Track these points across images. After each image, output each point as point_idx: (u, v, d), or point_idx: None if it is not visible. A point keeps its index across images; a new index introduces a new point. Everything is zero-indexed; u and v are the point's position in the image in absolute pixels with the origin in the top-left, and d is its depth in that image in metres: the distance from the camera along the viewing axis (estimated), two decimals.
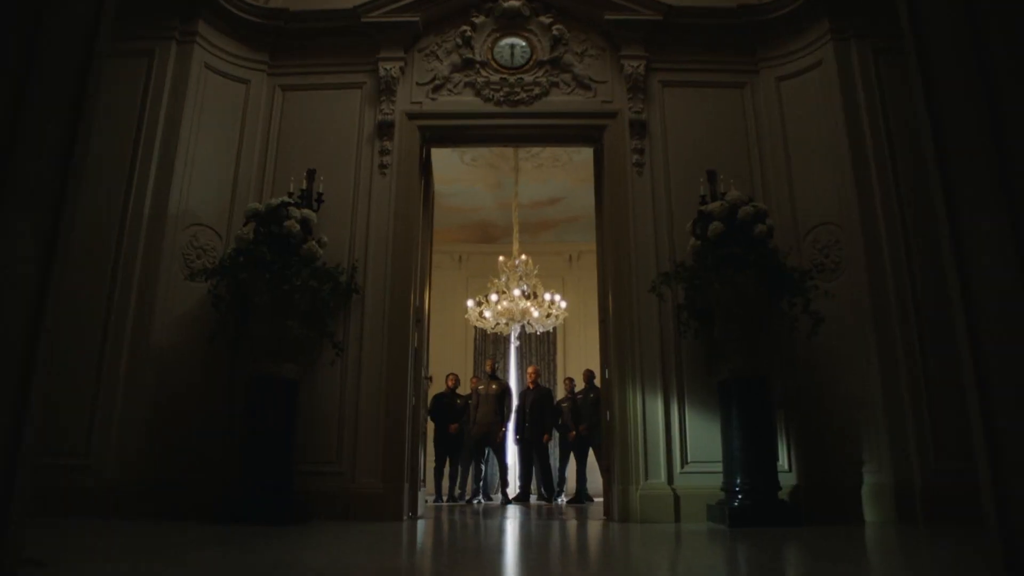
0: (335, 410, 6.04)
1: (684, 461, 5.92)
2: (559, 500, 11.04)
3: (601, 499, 7.04)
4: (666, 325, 6.14)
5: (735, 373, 5.48)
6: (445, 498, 10.51)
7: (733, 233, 5.57)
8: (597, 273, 6.91)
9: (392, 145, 6.58)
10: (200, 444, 5.71)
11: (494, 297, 11.20)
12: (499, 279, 11.51)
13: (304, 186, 6.30)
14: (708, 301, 5.62)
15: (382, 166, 6.55)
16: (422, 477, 6.83)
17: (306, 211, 5.91)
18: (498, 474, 10.55)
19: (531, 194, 13.69)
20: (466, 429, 10.68)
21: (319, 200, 6.32)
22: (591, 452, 10.36)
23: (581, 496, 10.31)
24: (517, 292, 11.09)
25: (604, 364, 6.57)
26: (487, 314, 11.59)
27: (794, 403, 5.87)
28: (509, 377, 15.14)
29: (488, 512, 8.83)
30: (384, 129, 6.58)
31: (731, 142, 6.52)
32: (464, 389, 11.63)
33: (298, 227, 5.69)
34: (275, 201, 5.83)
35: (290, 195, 6.15)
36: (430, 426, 10.75)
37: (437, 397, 10.84)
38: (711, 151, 6.47)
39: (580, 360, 15.01)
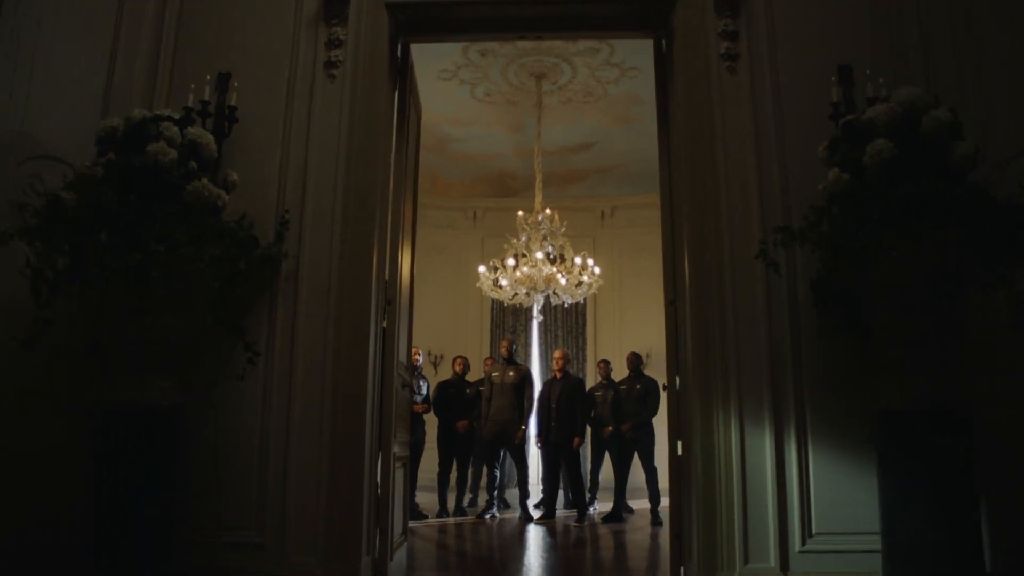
0: (251, 448, 3.76)
1: (807, 532, 3.58)
2: (592, 510, 8.79)
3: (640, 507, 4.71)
4: (778, 314, 3.76)
5: (916, 402, 3.11)
6: (452, 511, 8.30)
7: (908, 158, 3.14)
8: (662, 231, 4.57)
9: (346, 33, 4.17)
10: (26, 526, 3.44)
11: (511, 261, 8.85)
12: (518, 239, 9.14)
13: (208, 97, 3.98)
14: (862, 277, 3.23)
15: (330, 65, 4.15)
16: (399, 534, 4.58)
17: (195, 131, 3.56)
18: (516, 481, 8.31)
19: (557, 138, 11.23)
20: (477, 426, 8.43)
21: (230, 118, 3.98)
22: (635, 457, 8.09)
23: (619, 509, 8.03)
24: (540, 255, 8.72)
25: (672, 370, 4.22)
26: (503, 282, 9.25)
27: (993, 447, 3.46)
28: (531, 362, 12.84)
29: (504, 542, 6.59)
30: (333, 8, 4.17)
31: (876, 20, 4.04)
32: (477, 375, 9.34)
33: (174, 155, 3.35)
34: (139, 114, 3.49)
35: (188, 111, 3.83)
36: (434, 422, 8.52)
37: (442, 386, 8.58)
38: (844, 35, 4.01)
39: (614, 339, 12.67)
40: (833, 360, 3.61)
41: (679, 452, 4.05)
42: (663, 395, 4.57)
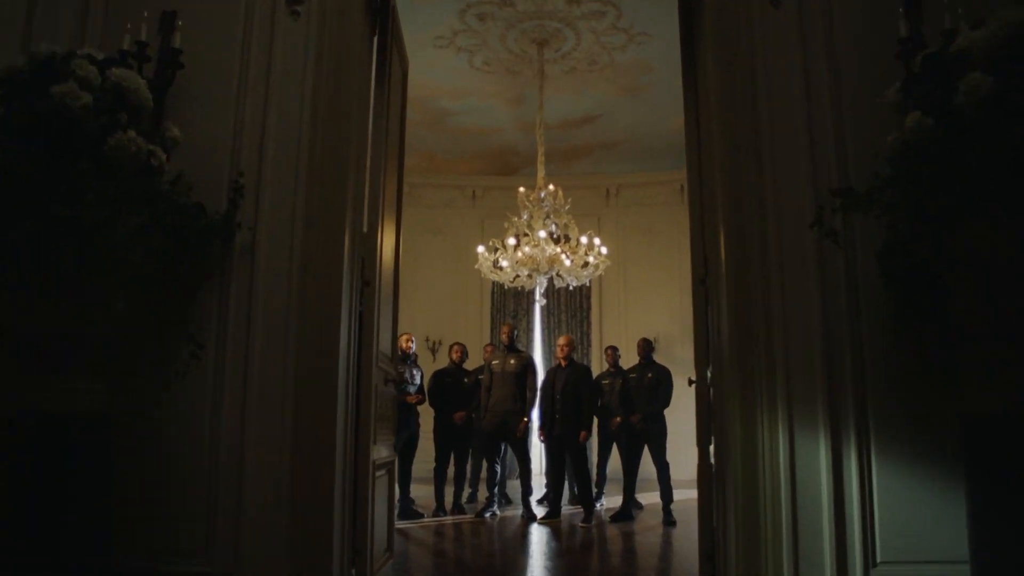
0: (199, 460, 3.10)
1: (870, 560, 2.91)
2: (599, 506, 8.17)
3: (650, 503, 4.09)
4: (834, 296, 3.06)
5: (1018, 404, 2.45)
6: (449, 509, 7.67)
7: (1014, 95, 2.45)
8: (688, 196, 3.92)
9: None
10: None
11: (512, 241, 8.16)
12: (519, 217, 8.46)
13: (148, 39, 3.28)
14: (949, 246, 2.55)
15: (293, 1, 3.46)
16: (384, 551, 3.93)
17: (120, 72, 2.86)
18: (518, 477, 7.66)
19: (560, 111, 10.51)
20: (476, 418, 7.79)
21: (173, 63, 3.29)
22: (645, 451, 7.44)
23: (629, 507, 7.39)
24: (543, 234, 8.04)
25: (701, 362, 3.57)
26: (504, 263, 8.57)
27: None
28: (533, 348, 12.18)
29: (505, 546, 5.96)
30: None
31: None
32: (476, 363, 8.69)
33: (88, 99, 2.66)
34: (46, 49, 2.80)
35: (123, 54, 3.14)
36: (430, 414, 7.87)
37: (438, 375, 7.94)
38: None
39: (619, 325, 12.01)
40: (903, 351, 2.93)
41: (711, 459, 3.40)
42: (684, 387, 3.92)
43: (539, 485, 9.53)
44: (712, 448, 3.39)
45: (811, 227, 2.88)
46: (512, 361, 7.53)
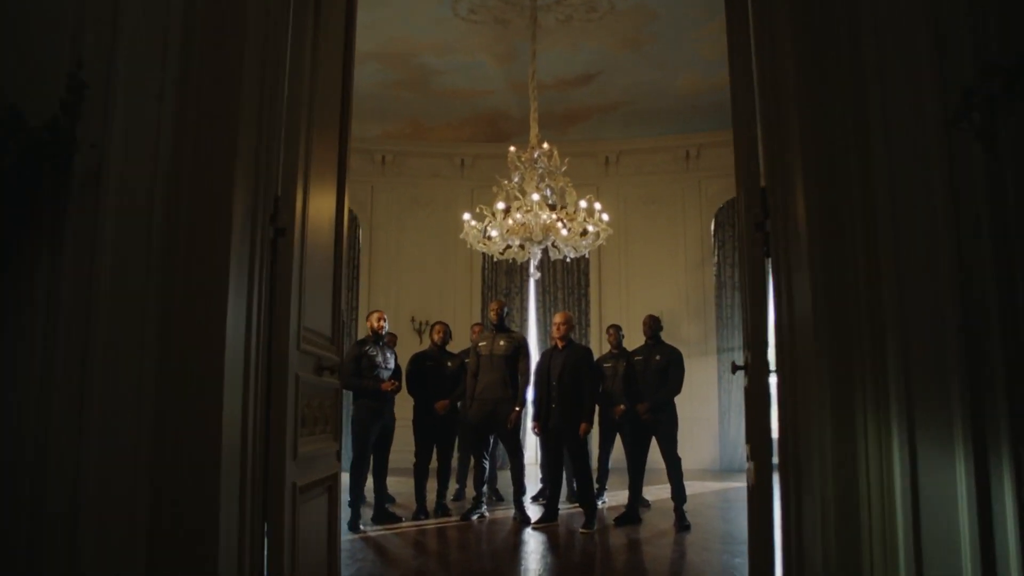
0: (18, 480, 2.05)
1: None
2: (601, 504, 7.14)
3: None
4: (975, 252, 1.98)
5: None
6: (432, 510, 6.62)
7: None
8: (731, 105, 2.84)
9: None
10: None
11: (501, 205, 7.06)
12: (509, 181, 7.36)
13: None
14: None
15: None
16: None
17: None
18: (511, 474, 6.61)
19: (555, 68, 9.39)
20: (461, 407, 6.75)
21: None
22: (652, 443, 6.38)
23: (635, 508, 6.34)
24: (536, 197, 6.95)
25: (752, 341, 2.51)
26: (493, 233, 7.48)
27: None
28: (528, 331, 11.10)
29: (493, 562, 4.91)
30: None
31: None
32: (461, 345, 7.63)
33: None
34: None
35: None
36: (408, 404, 6.81)
37: (417, 359, 6.87)
38: None
39: (621, 303, 10.94)
40: None
41: (767, 468, 2.34)
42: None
43: (533, 478, 8.51)
44: (777, 462, 2.32)
45: (948, 127, 1.80)
46: (502, 342, 6.46)
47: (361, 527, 5.92)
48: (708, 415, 10.36)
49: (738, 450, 10.22)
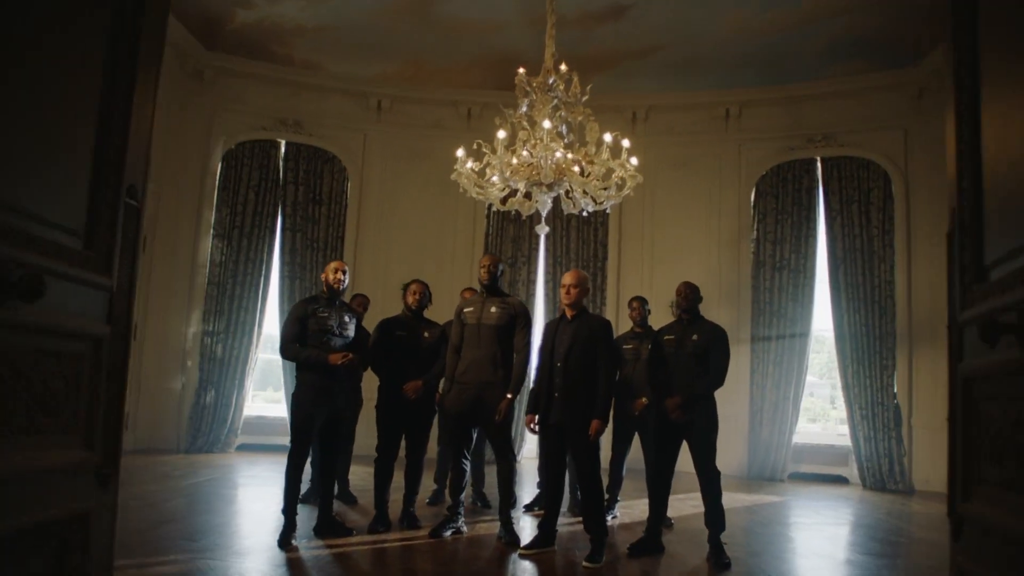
0: None
1: None
2: (611, 517, 5.56)
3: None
4: None
5: None
6: (398, 519, 5.04)
7: None
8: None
9: None
10: None
11: (503, 134, 5.41)
12: (516, 109, 5.73)
13: None
14: None
15: None
16: None
17: None
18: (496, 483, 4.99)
19: None
20: (438, 391, 5.15)
21: None
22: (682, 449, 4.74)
23: (656, 533, 4.72)
24: (547, 124, 5.30)
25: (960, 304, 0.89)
26: (495, 179, 5.85)
27: None
28: (534, 307, 9.60)
29: None
30: None
31: None
32: (442, 314, 6.01)
33: None
34: None
35: None
36: (373, 385, 5.22)
37: (385, 326, 5.25)
38: None
39: (640, 276, 9.31)
40: None
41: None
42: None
43: (531, 477, 6.91)
44: None
45: None
46: (493, 309, 4.86)
47: (294, 542, 4.36)
48: (737, 414, 8.72)
49: (771, 456, 8.57)
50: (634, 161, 5.68)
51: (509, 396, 4.70)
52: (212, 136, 9.06)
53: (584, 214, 5.97)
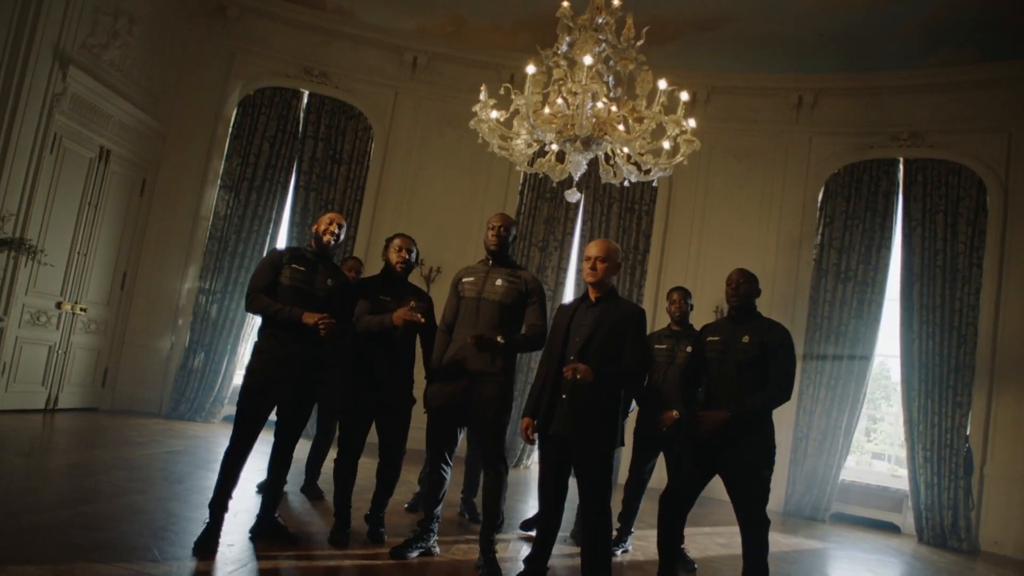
0: None
1: None
2: (621, 551, 4.49)
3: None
4: None
5: None
6: (368, 531, 4.02)
7: None
8: None
9: None
10: None
11: (532, 69, 4.35)
12: (555, 49, 4.68)
13: None
14: None
15: None
16: None
17: None
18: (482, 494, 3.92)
19: None
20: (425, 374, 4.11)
21: None
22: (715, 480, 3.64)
23: (671, 567, 3.64)
24: (588, 60, 4.22)
25: None
26: (523, 134, 4.79)
27: None
28: (563, 287, 8.47)
29: None
30: None
31: None
32: (441, 285, 4.96)
33: None
34: None
35: None
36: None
37: (363, 287, 4.17)
38: None
39: (685, 271, 8.19)
40: None
41: None
42: None
43: (533, 488, 5.86)
44: None
45: None
46: (499, 282, 3.82)
47: (219, 545, 3.38)
48: (780, 437, 7.49)
49: (812, 492, 7.38)
50: (691, 123, 4.57)
51: (501, 341, 3.62)
52: (230, 79, 8.18)
53: (627, 184, 4.88)
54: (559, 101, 4.39)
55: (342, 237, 3.91)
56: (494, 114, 4.89)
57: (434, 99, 8.72)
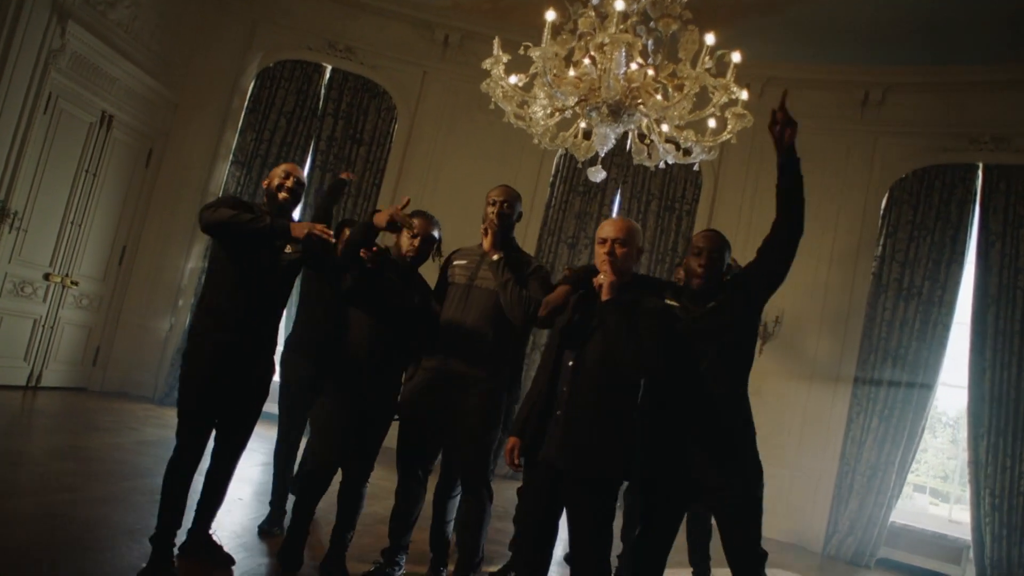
0: None
1: None
2: None
3: None
4: None
5: None
6: (328, 552, 3.36)
7: None
8: None
9: None
10: None
11: (552, 15, 3.65)
12: (584, 3, 3.96)
13: None
14: None
15: None
16: None
17: None
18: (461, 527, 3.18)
19: None
20: (406, 375, 3.41)
21: None
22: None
23: None
24: (620, 5, 3.47)
25: None
26: (542, 100, 4.08)
27: None
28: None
29: None
30: None
31: None
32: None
33: None
34: None
35: None
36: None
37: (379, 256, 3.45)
38: None
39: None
40: None
41: None
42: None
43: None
44: None
45: None
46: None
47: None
48: (824, 469, 6.69)
49: (856, 533, 6.48)
50: (744, 95, 3.81)
51: (500, 399, 2.93)
52: (250, 50, 7.65)
53: (662, 166, 4.13)
54: (585, 61, 3.67)
55: (299, 191, 3.15)
56: (513, 79, 4.19)
57: (465, 80, 8.03)
